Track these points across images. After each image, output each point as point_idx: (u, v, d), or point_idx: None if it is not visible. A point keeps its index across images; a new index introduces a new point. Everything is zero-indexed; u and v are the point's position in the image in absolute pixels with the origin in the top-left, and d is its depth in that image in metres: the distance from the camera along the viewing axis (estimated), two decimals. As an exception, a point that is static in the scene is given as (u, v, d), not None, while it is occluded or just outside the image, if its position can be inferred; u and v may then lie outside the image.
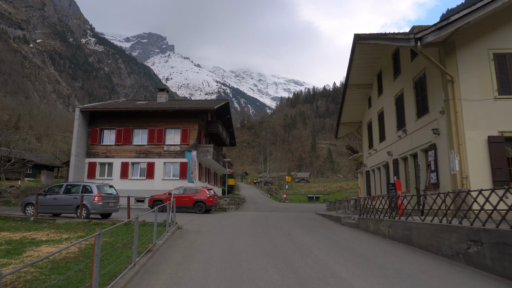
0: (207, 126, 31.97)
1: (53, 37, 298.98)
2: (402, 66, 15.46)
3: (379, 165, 19.00)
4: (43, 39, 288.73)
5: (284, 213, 23.49)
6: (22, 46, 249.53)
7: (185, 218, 17.96)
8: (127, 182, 28.16)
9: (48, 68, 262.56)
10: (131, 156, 28.59)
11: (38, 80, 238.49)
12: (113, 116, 29.29)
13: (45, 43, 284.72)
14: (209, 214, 22.11)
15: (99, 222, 13.61)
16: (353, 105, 21.71)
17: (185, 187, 23.43)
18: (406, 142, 14.91)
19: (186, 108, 29.10)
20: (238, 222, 15.87)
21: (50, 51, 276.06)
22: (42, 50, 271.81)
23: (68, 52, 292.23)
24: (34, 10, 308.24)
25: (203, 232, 12.14)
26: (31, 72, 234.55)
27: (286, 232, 11.94)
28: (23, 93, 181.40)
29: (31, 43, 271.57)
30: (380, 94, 18.90)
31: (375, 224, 11.45)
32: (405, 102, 15.04)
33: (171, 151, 28.38)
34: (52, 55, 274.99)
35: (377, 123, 19.35)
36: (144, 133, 29.10)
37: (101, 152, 28.78)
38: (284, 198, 39.85)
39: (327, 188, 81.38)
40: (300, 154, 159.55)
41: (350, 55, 18.05)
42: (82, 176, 28.12)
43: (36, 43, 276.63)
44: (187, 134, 28.42)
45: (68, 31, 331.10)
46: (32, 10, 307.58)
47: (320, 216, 20.33)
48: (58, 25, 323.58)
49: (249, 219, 18.18)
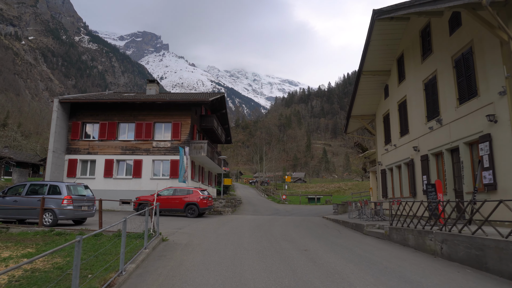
0: (201, 121, 29.22)
1: (45, 34, 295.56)
2: (436, 43, 12.89)
3: (399, 162, 16.43)
4: (35, 36, 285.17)
5: (287, 217, 20.86)
6: (13, 43, 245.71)
7: (174, 224, 15.24)
8: (112, 182, 25.33)
9: (40, 65, 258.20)
10: (116, 152, 25.75)
11: (30, 78, 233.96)
12: (96, 109, 26.43)
13: (37, 40, 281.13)
14: (202, 218, 19.40)
15: (64, 231, 10.84)
16: (366, 95, 19.13)
17: (176, 188, 20.71)
18: (441, 134, 12.34)
19: (178, 100, 26.33)
20: (237, 230, 13.19)
21: (42, 49, 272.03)
22: (34, 47, 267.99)
23: (61, 50, 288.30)
24: (26, 7, 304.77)
25: (194, 246, 9.45)
26: (22, 70, 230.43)
27: (301, 247, 9.28)
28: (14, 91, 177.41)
29: (23, 40, 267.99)
30: (401, 81, 16.34)
31: (417, 237, 8.83)
32: (440, 86, 12.47)
33: (160, 148, 25.60)
34: (44, 52, 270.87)
35: (396, 115, 16.77)
36: (131, 128, 26.28)
37: (83, 148, 25.91)
38: (283, 199, 37.21)
39: (324, 188, 78.90)
40: (295, 154, 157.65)
41: (367, 36, 15.49)
42: (61, 175, 25.24)
43: (28, 40, 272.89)
44: (179, 129, 25.66)
45: (61, 28, 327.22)
46: (24, 6, 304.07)
47: (331, 221, 17.70)
48: (51, 22, 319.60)
49: (249, 225, 15.51)
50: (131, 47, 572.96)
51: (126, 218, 6.54)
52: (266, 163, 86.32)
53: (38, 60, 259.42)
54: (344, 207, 24.35)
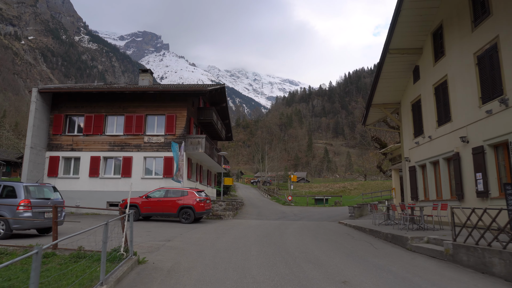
0: (198, 114, 26.33)
1: (45, 34, 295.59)
2: (495, 3, 10.01)
3: (435, 157, 13.55)
4: (35, 36, 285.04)
5: (298, 223, 17.97)
6: (13, 43, 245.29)
7: (163, 233, 12.40)
8: (98, 182, 22.48)
9: (40, 65, 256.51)
10: (103, 149, 22.90)
11: (30, 77, 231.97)
12: (81, 100, 23.58)
13: (37, 40, 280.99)
14: (199, 224, 16.53)
15: (5, 249, 7.95)
16: (391, 79, 16.24)
17: (168, 189, 17.83)
18: (504, 119, 9.46)
19: (172, 89, 23.47)
20: (241, 243, 10.31)
21: (42, 48, 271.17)
22: (34, 47, 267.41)
23: (61, 50, 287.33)
24: (26, 7, 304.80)
25: (180, 274, 6.57)
26: (22, 69, 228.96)
27: (335, 276, 6.40)
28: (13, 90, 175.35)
29: (23, 39, 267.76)
30: (439, 59, 13.45)
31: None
32: (503, 58, 9.58)
33: (153, 143, 22.74)
34: (44, 52, 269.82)
35: (432, 100, 13.88)
36: (120, 121, 23.41)
37: (66, 144, 23.06)
38: (289, 201, 34.30)
39: (329, 188, 75.92)
40: (296, 154, 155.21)
41: (397, 5, 12.65)
42: (41, 174, 22.39)
43: (28, 40, 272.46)
44: (173, 122, 22.79)
45: (61, 28, 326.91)
46: (24, 6, 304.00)
47: (353, 229, 14.78)
48: (51, 22, 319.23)
49: (254, 234, 12.63)
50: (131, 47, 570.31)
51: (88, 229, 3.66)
52: (268, 162, 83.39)
53: (37, 60, 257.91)
54: (360, 210, 21.46)
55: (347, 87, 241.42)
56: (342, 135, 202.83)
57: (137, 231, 13.39)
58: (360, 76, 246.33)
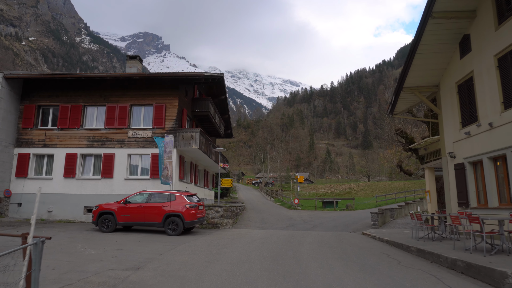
0: (193, 106, 23.00)
1: (46, 35, 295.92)
2: None
3: (502, 151, 10.16)
4: (36, 37, 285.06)
5: (312, 234, 14.61)
6: (14, 44, 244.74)
7: (136, 254, 9.07)
8: (74, 183, 19.16)
9: (41, 66, 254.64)
10: (80, 145, 19.60)
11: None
12: (56, 88, 20.29)
13: (38, 40, 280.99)
14: (188, 236, 13.16)
15: None
16: (431, 54, 12.88)
17: (151, 192, 14.45)
18: None
19: (162, 75, 20.18)
20: (241, 278, 6.92)
21: (43, 49, 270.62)
22: (35, 47, 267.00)
23: (62, 50, 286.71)
24: (27, 8, 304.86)
25: None
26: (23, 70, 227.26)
27: None
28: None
29: (24, 40, 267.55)
30: (503, 22, 10.11)
31: None
32: None
33: (139, 138, 19.43)
34: (45, 53, 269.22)
35: (495, 75, 10.49)
36: (101, 112, 20.11)
37: (38, 139, 19.77)
38: (295, 204, 30.90)
39: (334, 189, 72.51)
40: (297, 154, 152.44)
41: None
42: (8, 174, 19.12)
43: (29, 41, 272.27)
44: (163, 114, 19.47)
45: (62, 29, 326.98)
46: (25, 7, 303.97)
47: (388, 245, 11.37)
48: (52, 23, 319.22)
49: (260, 256, 9.27)
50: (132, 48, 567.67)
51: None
52: (270, 163, 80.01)
53: (38, 60, 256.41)
54: (383, 217, 18.08)
55: (349, 87, 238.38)
56: (344, 135, 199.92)
57: (105, 248, 10.09)
58: (362, 76, 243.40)
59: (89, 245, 10.59)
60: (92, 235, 12.95)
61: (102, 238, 12.22)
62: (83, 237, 12.36)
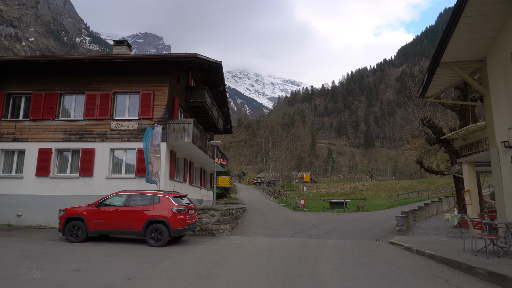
0: (187, 95, 20.35)
1: (46, 36, 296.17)
2: None
3: None
4: (36, 38, 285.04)
5: (328, 243, 11.96)
6: (14, 44, 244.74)
7: (101, 275, 6.52)
8: (48, 183, 16.53)
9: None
10: (56, 138, 16.97)
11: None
12: (28, 74, 17.67)
13: (38, 41, 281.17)
14: (175, 247, 10.51)
15: None
16: (480, 17, 10.17)
17: (131, 193, 11.78)
18: None
19: (149, 56, 17.54)
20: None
21: (43, 50, 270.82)
22: (35, 48, 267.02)
23: (62, 51, 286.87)
24: (27, 8, 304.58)
25: None
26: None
27: None
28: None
29: (24, 41, 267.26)
30: None
31: None
32: None
33: (123, 131, 16.80)
34: (45, 53, 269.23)
35: None
36: (80, 101, 17.47)
37: (7, 133, 17.15)
38: (301, 205, 28.21)
39: (338, 189, 69.91)
40: (299, 154, 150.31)
41: None
42: (-29, 173, 16.50)
43: (29, 42, 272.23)
44: (151, 102, 16.83)
45: (62, 29, 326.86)
46: (25, 8, 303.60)
47: (433, 261, 8.68)
48: (52, 23, 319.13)
49: (267, 283, 6.63)
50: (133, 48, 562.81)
51: None
52: (271, 162, 77.34)
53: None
54: (407, 221, 15.41)
55: (350, 86, 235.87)
56: (346, 134, 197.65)
57: (57, 267, 7.48)
58: (363, 76, 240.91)
59: (40, 263, 7.98)
60: (54, 247, 10.33)
61: (65, 251, 9.61)
62: (41, 250, 9.75)
